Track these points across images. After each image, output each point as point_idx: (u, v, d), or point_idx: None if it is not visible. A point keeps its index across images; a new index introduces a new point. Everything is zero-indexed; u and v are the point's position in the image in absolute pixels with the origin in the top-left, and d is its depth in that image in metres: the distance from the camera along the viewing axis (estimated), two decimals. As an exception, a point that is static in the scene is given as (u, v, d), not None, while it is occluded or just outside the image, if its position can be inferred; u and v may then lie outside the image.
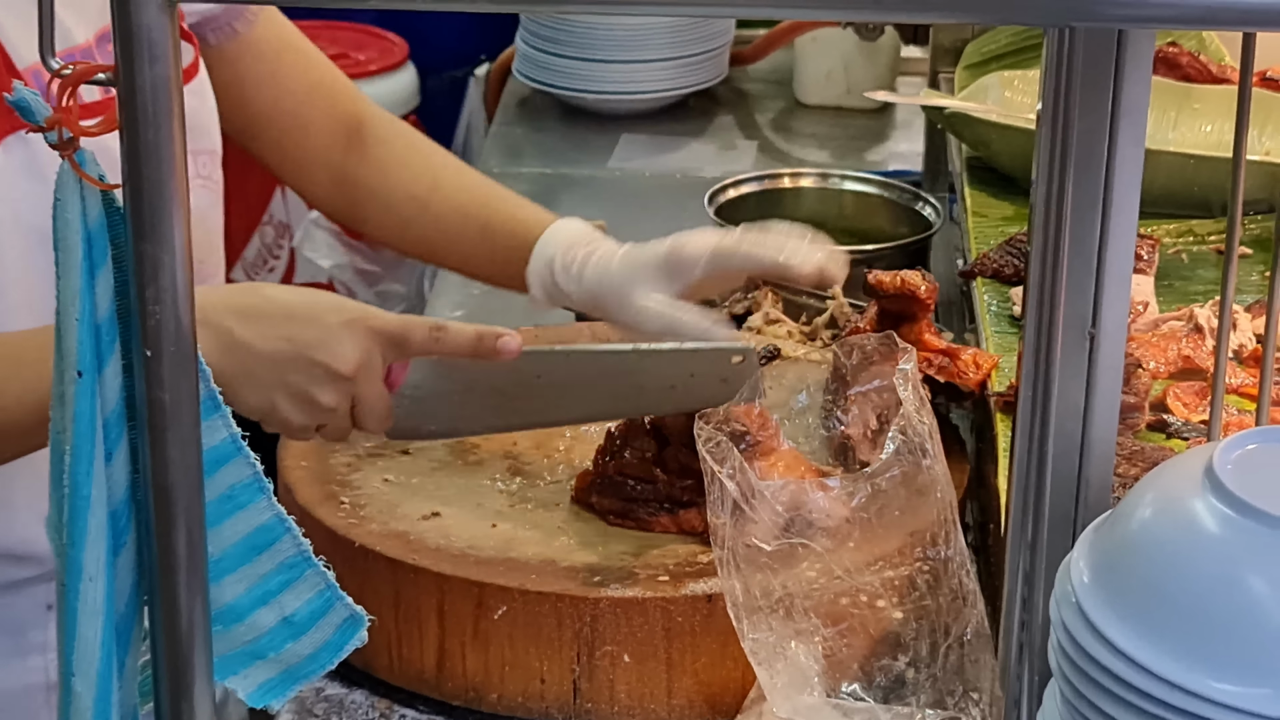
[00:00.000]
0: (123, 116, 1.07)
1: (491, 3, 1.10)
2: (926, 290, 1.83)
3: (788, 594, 1.46)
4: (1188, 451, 1.29)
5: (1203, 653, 1.17)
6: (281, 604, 1.23)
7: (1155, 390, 1.82)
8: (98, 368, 1.12)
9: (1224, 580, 1.18)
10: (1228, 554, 1.19)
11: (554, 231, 1.87)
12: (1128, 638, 1.20)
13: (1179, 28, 1.49)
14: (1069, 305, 1.35)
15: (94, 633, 1.16)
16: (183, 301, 1.11)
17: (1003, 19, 1.13)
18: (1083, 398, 1.38)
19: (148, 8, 1.04)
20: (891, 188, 2.54)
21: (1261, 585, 1.17)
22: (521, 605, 1.62)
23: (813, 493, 1.43)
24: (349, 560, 1.68)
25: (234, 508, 1.20)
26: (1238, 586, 1.18)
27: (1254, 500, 1.19)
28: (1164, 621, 1.19)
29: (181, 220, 1.10)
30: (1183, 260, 2.19)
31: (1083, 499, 1.41)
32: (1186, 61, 2.54)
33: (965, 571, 1.47)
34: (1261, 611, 1.17)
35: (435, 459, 1.84)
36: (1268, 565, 1.18)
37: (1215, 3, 1.09)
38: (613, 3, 1.09)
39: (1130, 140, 1.33)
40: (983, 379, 1.83)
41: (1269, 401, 1.44)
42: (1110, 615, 1.21)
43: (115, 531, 1.16)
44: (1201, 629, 1.17)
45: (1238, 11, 1.10)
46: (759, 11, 1.12)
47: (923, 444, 1.43)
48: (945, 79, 2.86)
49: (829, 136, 3.24)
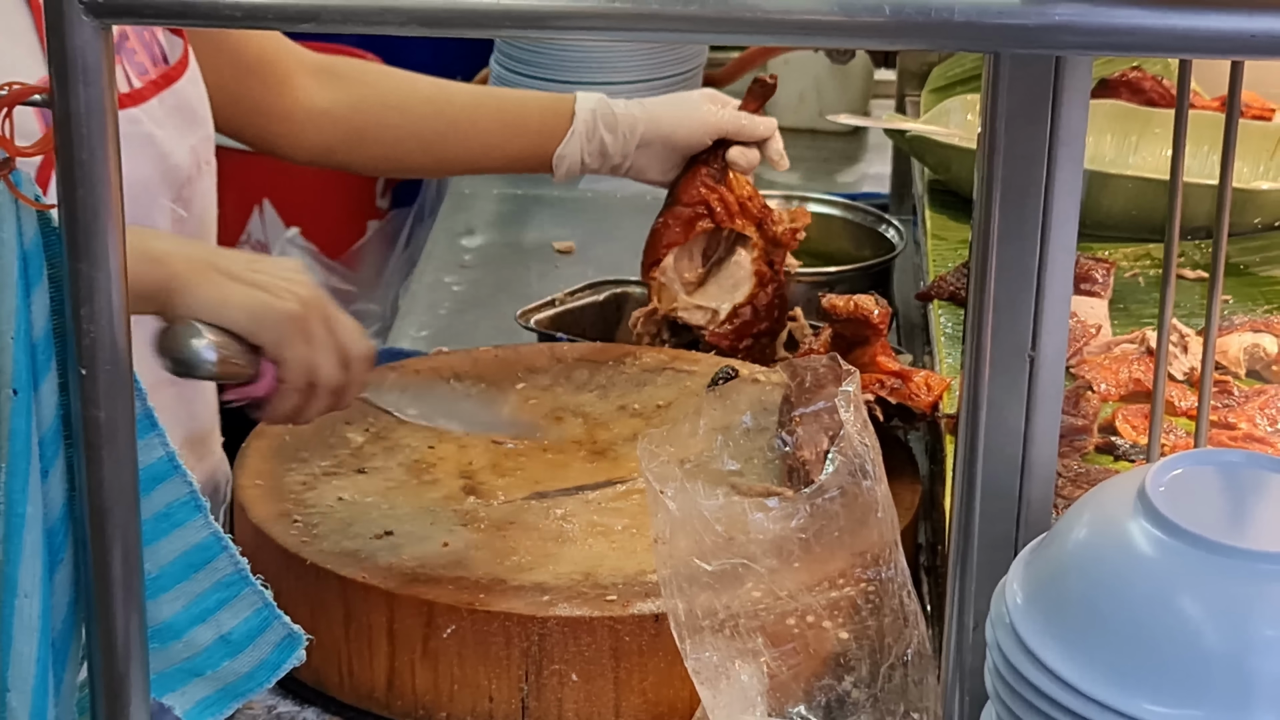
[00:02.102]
0: (57, 138, 1.08)
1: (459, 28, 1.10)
2: (879, 315, 1.84)
3: (731, 614, 1.46)
4: (1122, 474, 1.29)
5: (1135, 675, 1.18)
6: (219, 622, 1.24)
7: (1105, 412, 1.83)
8: (33, 386, 1.13)
9: (1156, 603, 1.19)
10: (1160, 577, 1.20)
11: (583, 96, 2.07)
12: (1061, 660, 1.20)
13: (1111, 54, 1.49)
14: (1008, 328, 1.36)
15: (30, 649, 1.16)
16: (118, 320, 1.12)
17: (938, 45, 1.14)
18: (1022, 420, 1.39)
19: (81, 30, 1.05)
20: (855, 210, 2.55)
21: (1193, 607, 1.18)
22: (470, 624, 1.63)
23: (753, 513, 1.44)
24: (301, 578, 1.69)
25: (170, 525, 1.21)
26: (1170, 609, 1.18)
27: (1185, 523, 1.20)
28: (1097, 644, 1.20)
29: (117, 240, 1.11)
30: (1139, 284, 2.20)
31: (1023, 521, 1.41)
32: (1149, 86, 2.56)
33: (906, 592, 1.48)
34: (1193, 633, 1.17)
35: (391, 478, 1.85)
36: (1199, 587, 1.18)
37: (1147, 29, 1.10)
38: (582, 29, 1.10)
39: (1068, 165, 1.34)
40: (934, 401, 1.85)
41: (1207, 423, 1.45)
42: (1044, 637, 1.22)
43: (52, 549, 1.17)
44: (1134, 651, 1.18)
45: (1171, 38, 1.11)
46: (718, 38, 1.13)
47: (863, 465, 1.44)
48: (912, 102, 2.87)
49: (801, 158, 3.25)
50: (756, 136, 2.10)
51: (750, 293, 2.12)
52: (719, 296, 2.15)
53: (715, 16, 1.08)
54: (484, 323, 2.58)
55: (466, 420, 1.90)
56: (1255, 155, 2.41)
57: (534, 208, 3.01)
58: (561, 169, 2.09)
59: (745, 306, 2.13)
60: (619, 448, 1.91)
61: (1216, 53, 1.09)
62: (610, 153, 2.07)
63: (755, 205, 2.12)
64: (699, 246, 2.14)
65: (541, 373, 2.07)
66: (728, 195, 2.10)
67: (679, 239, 2.11)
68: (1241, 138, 2.38)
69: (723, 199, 2.09)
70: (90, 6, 1.05)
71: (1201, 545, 1.19)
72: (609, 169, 2.11)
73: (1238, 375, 1.93)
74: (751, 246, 2.13)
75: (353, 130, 2.05)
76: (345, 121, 2.04)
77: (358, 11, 1.06)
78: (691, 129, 2.08)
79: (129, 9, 1.06)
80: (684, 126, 2.08)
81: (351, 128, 2.04)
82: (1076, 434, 1.75)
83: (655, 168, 2.11)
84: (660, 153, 2.09)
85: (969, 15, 1.08)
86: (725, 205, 2.09)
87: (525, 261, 2.82)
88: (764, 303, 2.13)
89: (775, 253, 2.14)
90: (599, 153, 2.07)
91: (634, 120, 2.08)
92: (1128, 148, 2.46)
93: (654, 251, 2.13)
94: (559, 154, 2.07)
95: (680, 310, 2.14)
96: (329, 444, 1.90)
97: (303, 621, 1.38)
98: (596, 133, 2.07)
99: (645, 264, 2.15)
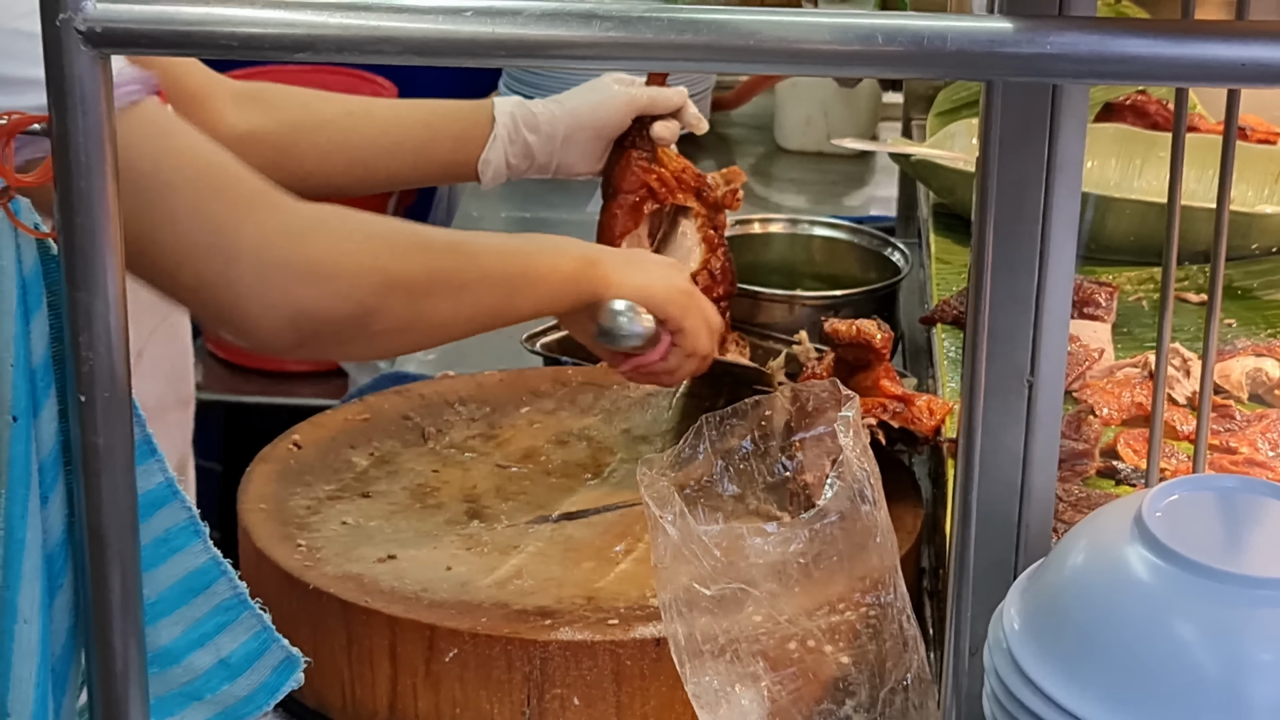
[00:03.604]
0: (56, 167, 1.08)
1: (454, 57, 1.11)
2: (881, 339, 1.84)
3: (731, 639, 1.47)
4: (1119, 500, 1.30)
5: (1131, 700, 1.18)
6: (218, 646, 1.25)
7: (1108, 436, 1.84)
8: (33, 412, 1.14)
9: (1152, 628, 1.19)
10: (1156, 602, 1.20)
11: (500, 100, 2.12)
12: (1057, 685, 1.21)
13: (1104, 83, 1.50)
14: (1006, 354, 1.36)
15: (29, 674, 1.17)
16: (116, 347, 1.12)
17: (931, 74, 1.15)
18: (1021, 445, 1.40)
19: (79, 59, 1.06)
20: (861, 233, 2.56)
21: (1189, 632, 1.19)
22: (472, 648, 1.63)
23: (752, 538, 1.44)
24: (304, 602, 1.69)
25: (169, 551, 1.22)
26: (1166, 634, 1.19)
27: (1182, 549, 1.20)
28: (1093, 668, 1.20)
29: (115, 268, 1.11)
30: (1143, 307, 2.20)
31: (1022, 546, 1.42)
32: (1154, 109, 2.57)
33: (906, 617, 1.48)
34: (1189, 658, 1.18)
35: (395, 502, 1.85)
36: (1195, 613, 1.19)
37: (1141, 58, 1.11)
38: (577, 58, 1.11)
39: (1066, 191, 1.35)
40: (937, 425, 1.85)
41: (1206, 448, 1.45)
42: (1040, 662, 1.22)
43: (51, 574, 1.17)
44: (1130, 676, 1.19)
45: (1165, 67, 1.11)
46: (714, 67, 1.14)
47: (862, 490, 1.45)
48: (918, 126, 2.88)
49: (808, 181, 3.26)
50: (672, 106, 2.12)
51: (703, 260, 2.14)
52: None
53: (710, 46, 1.08)
54: (490, 346, 2.58)
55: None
56: (1259, 179, 2.42)
57: (539, 230, 3.01)
58: (487, 174, 2.10)
59: (701, 273, 2.14)
60: (622, 471, 1.92)
61: (1210, 81, 1.09)
62: (535, 153, 2.10)
63: (690, 175, 2.15)
64: (645, 229, 2.16)
65: (546, 397, 2.08)
66: (664, 173, 2.12)
67: (630, 226, 2.12)
68: (1245, 161, 2.38)
69: (660, 178, 2.11)
70: (88, 36, 1.06)
71: (1197, 571, 1.19)
72: (536, 170, 2.13)
73: (1240, 399, 1.93)
74: (694, 215, 2.15)
75: (276, 152, 2.06)
76: (268, 144, 2.05)
77: (353, 41, 1.07)
78: (610, 112, 2.10)
79: (127, 39, 1.07)
80: (603, 111, 2.10)
81: (275, 149, 2.05)
82: (1078, 458, 1.75)
83: (582, 160, 2.13)
84: (585, 143, 2.11)
85: (962, 44, 1.09)
86: (664, 183, 2.12)
87: (532, 285, 2.82)
88: (718, 267, 2.15)
89: (717, 217, 2.16)
90: (523, 154, 2.10)
91: (554, 117, 2.10)
92: (1132, 171, 2.46)
93: (609, 244, 2.14)
94: (483, 159, 2.09)
95: None
96: (333, 468, 1.91)
97: (305, 645, 1.38)
98: (519, 135, 2.09)
99: None
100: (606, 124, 2.11)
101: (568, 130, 2.10)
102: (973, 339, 1.31)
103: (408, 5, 1.08)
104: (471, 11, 1.08)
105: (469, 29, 1.08)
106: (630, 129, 2.12)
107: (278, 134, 2.05)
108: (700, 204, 2.15)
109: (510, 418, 2.04)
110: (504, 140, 2.09)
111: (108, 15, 1.06)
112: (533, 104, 2.12)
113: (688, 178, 2.14)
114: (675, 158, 2.14)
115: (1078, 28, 1.10)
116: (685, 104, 2.13)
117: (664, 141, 2.11)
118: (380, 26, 1.07)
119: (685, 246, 2.14)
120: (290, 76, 2.84)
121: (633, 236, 2.13)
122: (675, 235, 2.16)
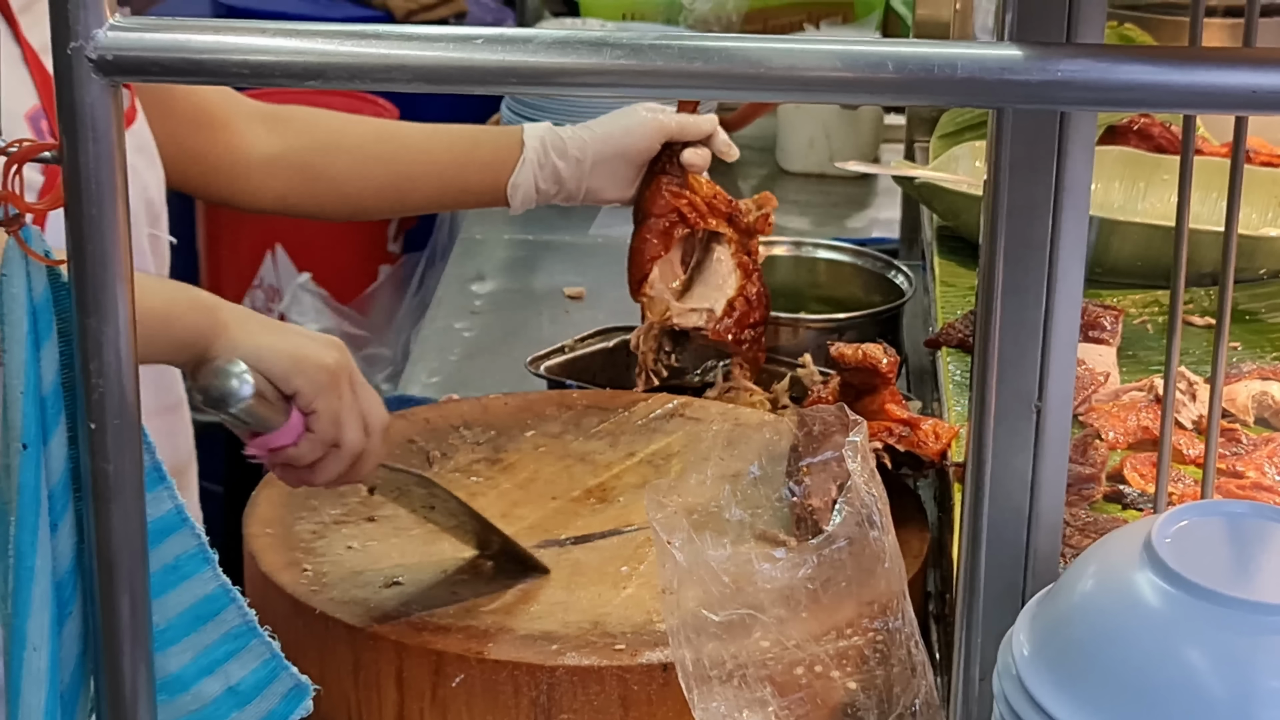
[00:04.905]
0: (67, 194, 1.08)
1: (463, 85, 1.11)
2: (887, 364, 1.85)
3: (739, 664, 1.47)
4: (1129, 525, 1.30)
5: (1141, 726, 1.18)
6: (227, 673, 1.24)
7: (1113, 461, 1.84)
8: (43, 440, 1.14)
9: (1162, 654, 1.19)
10: (1165, 629, 1.20)
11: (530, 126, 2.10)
12: (1067, 712, 1.20)
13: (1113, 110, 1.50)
14: (1014, 379, 1.36)
15: (38, 702, 1.17)
16: (126, 375, 1.12)
17: (941, 101, 1.15)
18: (1029, 470, 1.40)
19: (90, 86, 1.06)
20: (865, 256, 2.56)
21: (1199, 659, 1.18)
22: (479, 673, 1.63)
23: (760, 563, 1.44)
24: (310, 627, 1.69)
25: (179, 578, 1.21)
26: (1175, 661, 1.19)
27: (1191, 574, 1.20)
28: (1102, 696, 1.20)
29: (125, 295, 1.11)
30: (1148, 330, 2.20)
31: (1030, 571, 1.42)
32: (1158, 132, 2.57)
33: (914, 642, 1.48)
34: (1198, 685, 1.17)
35: (399, 527, 1.85)
36: (1205, 639, 1.19)
37: (1149, 85, 1.11)
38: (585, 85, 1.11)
39: (1073, 217, 1.35)
40: (943, 449, 1.85)
41: (1214, 473, 1.45)
42: (1050, 688, 1.22)
43: (60, 601, 1.17)
44: (1139, 702, 1.18)
45: (1173, 94, 1.11)
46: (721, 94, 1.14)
47: (870, 515, 1.45)
48: (921, 148, 2.88)
49: (811, 203, 3.26)
50: (702, 133, 2.12)
51: (739, 284, 2.15)
52: (709, 296, 2.17)
53: (719, 73, 1.08)
54: (495, 369, 2.59)
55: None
56: (1264, 202, 2.42)
57: (544, 253, 3.03)
58: (516, 199, 2.11)
59: (739, 298, 2.15)
60: (628, 495, 1.92)
61: (1218, 108, 1.10)
62: (564, 178, 2.10)
63: (721, 201, 2.15)
64: (677, 254, 2.16)
65: (551, 420, 2.08)
66: (694, 198, 2.12)
67: (660, 251, 2.12)
68: (1250, 184, 2.38)
69: (691, 203, 2.12)
70: (99, 65, 1.06)
71: (1207, 597, 1.19)
72: (565, 196, 2.13)
73: (1246, 423, 1.93)
74: (727, 241, 2.16)
75: (306, 175, 2.06)
76: (297, 167, 2.06)
77: (364, 69, 1.07)
78: (640, 138, 2.10)
79: (138, 67, 1.07)
80: (632, 136, 2.10)
81: (304, 173, 2.06)
82: (1084, 483, 1.75)
83: (611, 186, 2.13)
84: (615, 169, 2.11)
85: (972, 71, 1.09)
86: (695, 208, 2.12)
87: (536, 307, 2.83)
88: (754, 291, 2.15)
89: (749, 243, 2.17)
90: (553, 179, 2.10)
91: (583, 143, 2.11)
92: (1136, 194, 2.47)
93: (639, 269, 2.15)
94: (512, 184, 2.09)
95: (675, 317, 2.16)
96: (339, 492, 1.90)
97: (312, 670, 1.38)
98: (548, 160, 2.09)
99: (632, 284, 2.17)
100: (636, 150, 2.11)
101: (597, 156, 2.10)
102: (981, 365, 1.31)
103: (418, 33, 1.08)
104: (482, 39, 1.08)
105: (480, 57, 1.08)
106: (660, 155, 2.13)
107: (306, 156, 2.05)
108: (732, 229, 2.16)
109: (515, 441, 2.04)
110: (533, 165, 2.09)
111: (119, 43, 1.06)
112: (562, 130, 2.12)
113: (719, 203, 2.14)
114: (706, 184, 2.15)
115: (1087, 55, 1.10)
116: (715, 131, 2.14)
117: (695, 168, 2.12)
118: (391, 54, 1.08)
119: (720, 273, 2.15)
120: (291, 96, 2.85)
121: (664, 262, 2.14)
122: (710, 262, 2.16)
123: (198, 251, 3.81)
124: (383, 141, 2.09)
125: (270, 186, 2.06)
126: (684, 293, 2.17)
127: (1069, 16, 1.27)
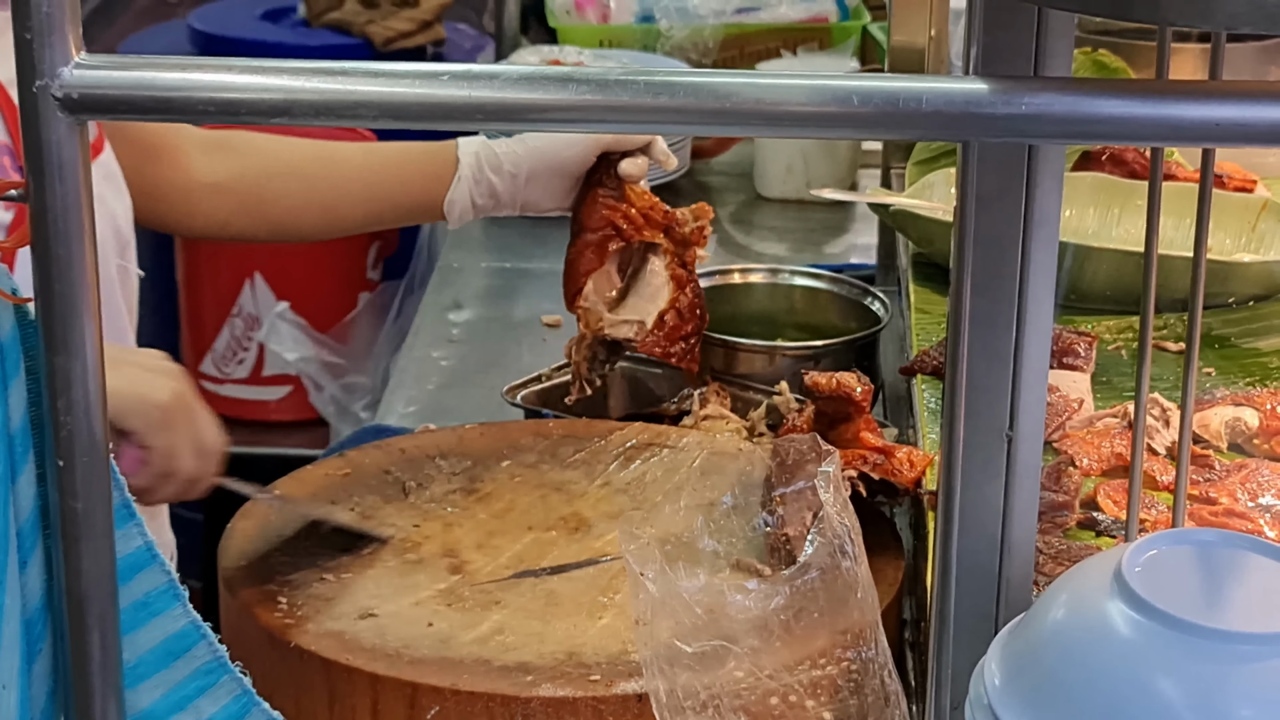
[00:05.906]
0: (34, 233, 1.08)
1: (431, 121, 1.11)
2: (862, 393, 1.85)
3: (713, 695, 1.47)
4: (1099, 554, 1.30)
5: (1113, 756, 1.18)
6: (198, 709, 1.24)
7: (1087, 487, 1.84)
8: (11, 478, 1.14)
9: (1133, 684, 1.19)
10: (1136, 658, 1.20)
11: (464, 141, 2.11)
12: (1038, 741, 1.21)
13: (1080, 143, 1.51)
14: (985, 408, 1.36)
15: (8, 740, 1.16)
16: (95, 412, 1.12)
17: (907, 135, 1.15)
18: (1001, 498, 1.40)
19: (56, 125, 1.06)
20: (841, 283, 2.56)
21: (1170, 689, 1.18)
22: (454, 705, 1.63)
23: (733, 594, 1.44)
24: (285, 659, 1.69)
25: (149, 615, 1.21)
26: (1146, 691, 1.19)
27: (1161, 604, 1.20)
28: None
29: (93, 332, 1.11)
30: (1122, 356, 2.21)
31: (1003, 600, 1.42)
32: (1132, 158, 2.58)
33: (887, 672, 1.48)
34: (1169, 714, 1.18)
35: (375, 558, 1.85)
36: (1176, 669, 1.19)
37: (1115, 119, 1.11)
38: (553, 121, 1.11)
39: (1043, 247, 1.35)
40: (917, 476, 1.85)
41: (1185, 501, 1.46)
42: (1021, 718, 1.22)
43: (30, 640, 1.17)
44: (1111, 732, 1.19)
45: (1139, 127, 1.12)
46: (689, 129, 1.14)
47: (843, 545, 1.45)
48: (897, 174, 2.89)
49: (788, 230, 3.27)
50: (639, 143, 2.12)
51: (671, 297, 2.15)
52: (641, 308, 2.17)
53: (687, 109, 1.09)
54: (472, 398, 2.59)
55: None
56: (1237, 227, 2.43)
57: (521, 282, 3.03)
58: (454, 214, 2.12)
59: (669, 311, 2.15)
60: (603, 525, 1.91)
61: (1182, 141, 1.10)
62: (499, 192, 2.11)
63: (658, 213, 2.15)
64: (613, 265, 2.16)
65: (527, 450, 2.08)
66: (630, 210, 2.12)
67: (595, 264, 2.13)
68: (1222, 210, 2.39)
69: (626, 215, 2.12)
70: (66, 103, 1.06)
71: (1178, 627, 1.19)
72: (503, 208, 2.14)
73: (1219, 449, 1.94)
74: (662, 252, 2.16)
75: (246, 200, 2.07)
76: (238, 192, 2.07)
77: (330, 106, 1.07)
78: (574, 149, 2.11)
79: (104, 105, 1.07)
80: (568, 148, 2.11)
81: (244, 198, 2.07)
82: (1058, 510, 1.76)
83: (547, 198, 2.14)
84: (550, 181, 2.12)
85: (937, 105, 1.09)
86: (630, 220, 2.12)
87: (514, 336, 2.83)
88: (686, 304, 2.15)
89: (686, 253, 2.17)
90: (488, 194, 2.11)
91: (518, 157, 2.12)
92: (1111, 220, 2.47)
93: (574, 282, 2.15)
94: (449, 200, 2.10)
95: (607, 328, 2.16)
96: (313, 523, 1.90)
97: (287, 702, 1.38)
98: (483, 176, 2.10)
99: (567, 296, 2.18)
100: (570, 161, 2.11)
101: (531, 169, 2.11)
102: (951, 394, 1.31)
103: (384, 69, 1.09)
104: (448, 75, 1.08)
105: (445, 93, 1.08)
106: (597, 166, 2.13)
107: (246, 183, 2.07)
108: (668, 240, 2.16)
109: (491, 471, 2.03)
110: (469, 182, 2.10)
111: (85, 81, 1.06)
112: (496, 144, 2.13)
113: (655, 214, 2.15)
114: (642, 194, 2.15)
115: (1054, 89, 1.10)
116: (653, 140, 2.14)
117: (631, 179, 2.11)
118: (356, 90, 1.08)
119: (654, 284, 2.15)
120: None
121: (600, 274, 2.14)
122: (644, 272, 2.17)
123: (176, 281, 3.81)
124: (319, 162, 2.11)
125: (211, 213, 2.08)
126: (618, 302, 2.17)
127: (1036, 49, 1.28)
